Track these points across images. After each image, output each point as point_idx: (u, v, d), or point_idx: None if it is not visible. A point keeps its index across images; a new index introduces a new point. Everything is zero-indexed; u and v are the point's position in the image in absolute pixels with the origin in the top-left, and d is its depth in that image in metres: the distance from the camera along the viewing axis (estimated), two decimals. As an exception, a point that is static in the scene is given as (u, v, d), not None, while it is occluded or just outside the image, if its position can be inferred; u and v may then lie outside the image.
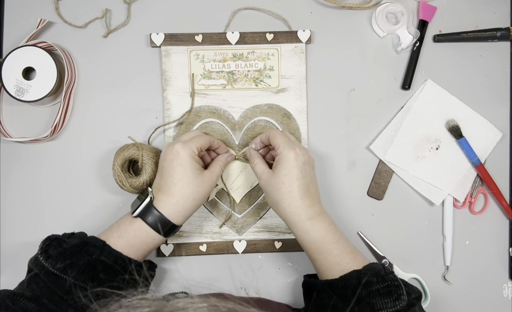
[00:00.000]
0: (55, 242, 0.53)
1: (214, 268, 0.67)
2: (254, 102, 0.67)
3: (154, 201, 0.56)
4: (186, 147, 0.56)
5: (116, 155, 0.62)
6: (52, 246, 0.53)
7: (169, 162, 0.56)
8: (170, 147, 0.56)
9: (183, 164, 0.55)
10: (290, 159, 0.55)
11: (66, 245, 0.52)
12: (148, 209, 0.55)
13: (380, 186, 0.68)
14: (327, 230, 0.55)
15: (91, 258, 0.51)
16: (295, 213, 0.55)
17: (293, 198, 0.55)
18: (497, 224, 0.69)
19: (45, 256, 0.52)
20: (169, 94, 0.67)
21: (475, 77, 0.70)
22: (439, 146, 0.68)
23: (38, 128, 0.67)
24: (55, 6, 0.67)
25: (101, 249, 0.52)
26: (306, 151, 0.57)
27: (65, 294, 0.50)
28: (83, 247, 0.52)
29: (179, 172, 0.55)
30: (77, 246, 0.52)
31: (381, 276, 0.52)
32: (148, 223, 0.55)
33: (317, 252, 0.55)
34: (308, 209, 0.55)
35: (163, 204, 0.55)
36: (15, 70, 0.63)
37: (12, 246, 0.65)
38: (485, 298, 0.68)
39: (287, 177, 0.55)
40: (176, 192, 0.55)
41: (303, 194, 0.55)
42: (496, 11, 0.70)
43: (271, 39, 0.67)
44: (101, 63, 0.68)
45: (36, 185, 0.66)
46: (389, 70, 0.69)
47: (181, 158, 0.55)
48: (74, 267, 0.50)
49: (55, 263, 0.51)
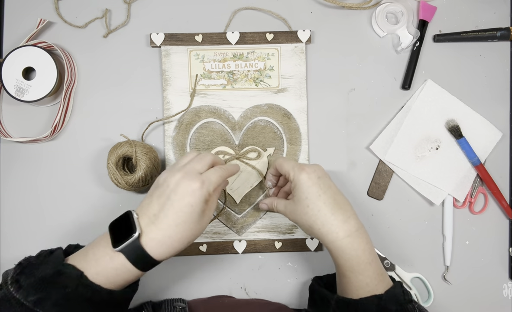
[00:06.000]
0: (27, 269, 0.47)
1: (214, 268, 0.67)
2: (254, 102, 0.67)
3: (143, 235, 0.47)
4: (204, 188, 0.48)
5: (110, 153, 0.62)
6: (24, 274, 0.47)
7: (179, 197, 0.47)
8: (186, 181, 0.48)
9: (194, 206, 0.48)
10: (303, 180, 0.53)
11: (39, 274, 0.46)
12: (133, 245, 0.47)
13: (380, 186, 0.68)
14: (364, 249, 0.52)
15: (65, 292, 0.45)
16: (331, 231, 0.52)
17: (324, 216, 0.52)
18: (497, 224, 0.69)
19: (16, 287, 0.46)
20: (169, 94, 0.67)
21: (475, 77, 0.70)
22: (439, 146, 0.68)
23: (38, 128, 0.67)
24: (55, 6, 0.67)
25: (77, 282, 0.46)
26: (317, 167, 0.55)
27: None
28: (57, 278, 0.46)
29: (186, 213, 0.47)
30: (50, 276, 0.46)
31: (400, 304, 0.51)
32: (131, 261, 0.47)
33: (350, 270, 0.52)
34: (344, 225, 0.52)
35: (152, 243, 0.47)
36: (15, 70, 0.63)
37: (12, 246, 0.65)
38: (485, 298, 0.68)
39: (308, 199, 0.53)
40: (174, 234, 0.47)
41: (333, 208, 0.52)
42: (496, 11, 0.70)
43: (271, 39, 0.67)
44: (101, 63, 0.68)
45: (36, 185, 0.66)
46: (389, 70, 0.69)
47: (194, 199, 0.48)
48: (47, 300, 0.45)
49: (27, 295, 0.45)
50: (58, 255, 0.49)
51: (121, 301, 0.50)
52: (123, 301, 0.51)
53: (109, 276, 0.47)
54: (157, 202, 0.49)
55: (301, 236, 0.67)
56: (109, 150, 0.63)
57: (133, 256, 0.47)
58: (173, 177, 0.49)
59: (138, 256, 0.47)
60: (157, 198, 0.49)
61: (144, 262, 0.47)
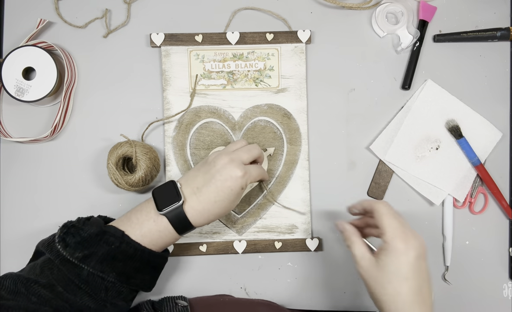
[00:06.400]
0: (72, 229, 0.51)
1: (214, 268, 0.67)
2: (254, 102, 0.67)
3: (185, 203, 0.53)
4: (244, 179, 0.53)
5: (110, 153, 0.62)
6: (70, 234, 0.51)
7: (222, 179, 0.52)
8: (231, 167, 0.53)
9: (233, 190, 0.53)
10: (400, 253, 0.48)
11: (84, 234, 0.50)
12: (177, 210, 0.52)
13: (380, 186, 0.68)
14: None
15: (110, 248, 0.50)
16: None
17: (402, 302, 0.47)
18: (497, 224, 0.69)
19: (63, 245, 0.50)
20: (169, 94, 0.67)
21: (475, 77, 0.70)
22: (439, 146, 0.68)
23: (38, 128, 0.67)
24: (55, 6, 0.67)
25: (121, 240, 0.51)
26: (420, 241, 0.50)
27: (82, 283, 0.49)
28: (102, 236, 0.50)
29: (225, 194, 0.53)
30: (96, 235, 0.50)
31: None
32: (173, 225, 0.53)
33: None
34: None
35: (193, 211, 0.53)
36: (15, 70, 0.63)
37: (12, 245, 0.65)
38: (485, 298, 0.68)
39: (394, 275, 0.48)
40: (212, 209, 0.53)
41: (414, 298, 0.48)
42: (496, 11, 0.70)
43: (271, 39, 0.67)
44: (101, 63, 0.68)
45: (36, 185, 0.66)
46: (389, 70, 0.69)
47: (235, 185, 0.53)
48: (93, 257, 0.49)
49: (74, 252, 0.49)
50: (97, 219, 0.55)
51: (160, 263, 0.55)
52: (161, 263, 0.56)
53: (153, 238, 0.52)
54: (203, 177, 0.54)
55: (301, 236, 0.67)
56: (109, 150, 0.63)
57: (175, 220, 0.52)
58: (222, 159, 0.54)
59: (180, 221, 0.52)
60: (203, 173, 0.54)
61: (183, 226, 0.53)
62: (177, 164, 0.67)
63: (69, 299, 0.48)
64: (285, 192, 0.67)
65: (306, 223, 0.67)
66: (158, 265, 0.56)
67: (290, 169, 0.67)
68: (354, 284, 0.68)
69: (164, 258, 0.56)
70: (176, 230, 0.53)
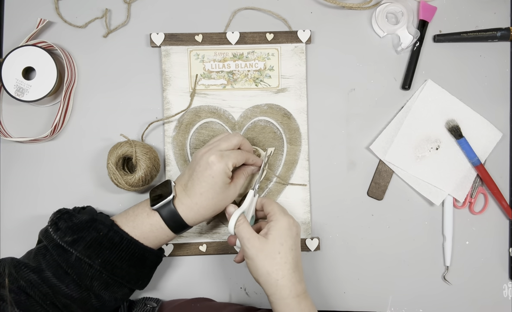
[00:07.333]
0: (66, 215, 0.55)
1: (214, 268, 0.67)
2: (254, 102, 0.67)
3: (176, 199, 0.55)
4: (222, 162, 0.54)
5: (110, 153, 0.62)
6: (63, 219, 0.54)
7: (202, 169, 0.54)
8: (207, 154, 0.55)
9: (215, 177, 0.54)
10: (285, 227, 0.54)
11: (76, 220, 0.54)
12: (167, 206, 0.55)
13: (380, 186, 0.68)
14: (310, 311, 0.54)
15: (98, 235, 0.53)
16: (287, 287, 0.52)
17: (287, 270, 0.52)
18: (497, 224, 0.69)
19: (55, 228, 0.53)
20: (169, 94, 0.67)
21: (475, 77, 0.70)
22: (439, 146, 0.68)
23: (38, 128, 0.67)
24: (55, 6, 0.67)
25: (109, 228, 0.53)
26: (298, 223, 0.56)
27: (69, 267, 0.51)
28: (92, 223, 0.53)
29: (209, 183, 0.54)
30: (86, 221, 0.54)
31: None
32: (164, 220, 0.55)
33: None
34: (298, 285, 0.53)
35: (183, 207, 0.55)
36: (15, 70, 0.63)
37: (12, 245, 0.65)
38: (485, 298, 0.68)
39: (283, 246, 0.53)
40: (200, 201, 0.54)
41: (295, 267, 0.54)
42: (496, 11, 0.70)
43: (271, 39, 0.67)
44: (101, 63, 0.68)
45: (36, 185, 0.66)
46: (389, 70, 0.69)
47: (214, 171, 0.54)
48: (81, 242, 0.52)
49: (64, 236, 0.52)
50: (91, 208, 0.58)
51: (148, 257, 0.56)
52: (149, 258, 0.56)
53: (144, 230, 0.54)
54: (187, 173, 0.57)
55: (301, 236, 0.67)
56: (109, 150, 0.63)
57: (167, 215, 0.54)
58: (200, 152, 0.56)
59: (171, 216, 0.54)
60: (188, 169, 0.57)
61: (175, 222, 0.55)
62: (177, 164, 0.67)
63: (55, 284, 0.50)
64: (285, 192, 0.67)
65: (305, 223, 0.67)
66: (147, 260, 0.56)
67: (290, 169, 0.67)
68: (354, 284, 0.68)
69: (153, 254, 0.57)
70: (168, 225, 0.55)
